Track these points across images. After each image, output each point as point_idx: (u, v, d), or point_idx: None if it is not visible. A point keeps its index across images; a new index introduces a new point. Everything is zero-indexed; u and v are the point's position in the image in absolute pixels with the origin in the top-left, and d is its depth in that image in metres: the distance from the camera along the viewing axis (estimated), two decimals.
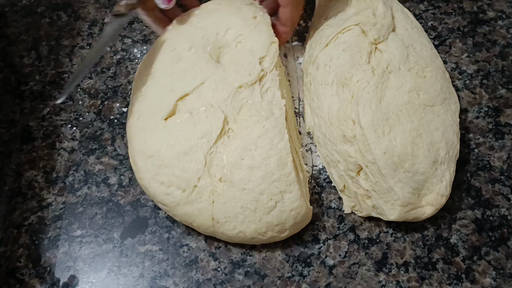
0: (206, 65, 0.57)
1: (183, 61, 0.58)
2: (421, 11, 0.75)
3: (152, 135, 0.55)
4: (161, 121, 0.56)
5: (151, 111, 0.57)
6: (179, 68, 0.58)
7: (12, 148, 0.64)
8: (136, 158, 0.56)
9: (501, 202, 0.60)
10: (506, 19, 0.74)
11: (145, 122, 0.56)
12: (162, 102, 0.56)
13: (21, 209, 0.60)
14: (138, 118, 0.57)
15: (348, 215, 0.59)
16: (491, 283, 0.55)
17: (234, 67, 0.57)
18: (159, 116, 0.56)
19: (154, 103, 0.57)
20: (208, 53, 0.59)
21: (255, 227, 0.53)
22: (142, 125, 0.57)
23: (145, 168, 0.55)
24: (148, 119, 0.56)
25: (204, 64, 0.57)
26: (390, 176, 0.54)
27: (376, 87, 0.57)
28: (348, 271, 0.56)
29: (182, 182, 0.53)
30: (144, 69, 0.60)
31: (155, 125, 0.56)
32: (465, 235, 0.58)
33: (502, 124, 0.65)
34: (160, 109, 0.56)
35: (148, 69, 0.59)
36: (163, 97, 0.56)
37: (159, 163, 0.54)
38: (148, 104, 0.57)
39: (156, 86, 0.58)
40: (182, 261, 0.57)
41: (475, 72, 0.69)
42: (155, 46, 0.61)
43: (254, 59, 0.58)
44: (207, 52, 0.59)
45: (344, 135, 0.57)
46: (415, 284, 0.55)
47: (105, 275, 0.56)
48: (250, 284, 0.55)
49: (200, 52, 0.58)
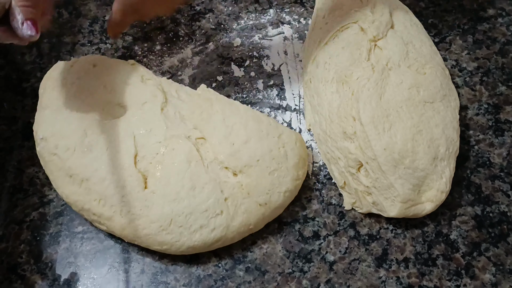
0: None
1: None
2: (421, 8, 0.75)
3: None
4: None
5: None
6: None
7: (13, 144, 0.64)
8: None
9: (501, 198, 0.60)
10: (506, 17, 0.74)
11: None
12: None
13: (22, 205, 0.60)
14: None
15: (349, 212, 0.59)
16: (490, 279, 0.55)
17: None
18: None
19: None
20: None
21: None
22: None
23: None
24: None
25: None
26: (390, 173, 0.54)
27: (376, 84, 0.57)
28: (348, 267, 0.56)
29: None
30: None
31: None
32: (465, 231, 0.58)
33: (502, 121, 0.65)
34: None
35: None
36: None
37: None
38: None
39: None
40: (183, 257, 0.57)
41: (475, 69, 0.69)
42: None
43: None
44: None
45: (344, 132, 0.58)
46: (415, 280, 0.55)
47: (106, 271, 0.56)
48: (251, 280, 0.55)
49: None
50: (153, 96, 0.59)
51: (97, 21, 0.74)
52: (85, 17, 0.75)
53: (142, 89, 0.60)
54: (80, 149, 0.56)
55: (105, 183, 0.55)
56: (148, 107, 0.59)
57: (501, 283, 0.55)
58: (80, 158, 0.56)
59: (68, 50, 0.72)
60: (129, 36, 0.72)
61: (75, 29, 0.73)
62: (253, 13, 0.75)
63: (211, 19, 0.74)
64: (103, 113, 0.58)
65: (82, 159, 0.56)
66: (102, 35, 0.73)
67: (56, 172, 0.57)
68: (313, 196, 0.60)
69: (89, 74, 0.60)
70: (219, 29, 0.74)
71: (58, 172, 0.57)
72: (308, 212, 0.59)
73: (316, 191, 0.61)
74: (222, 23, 0.74)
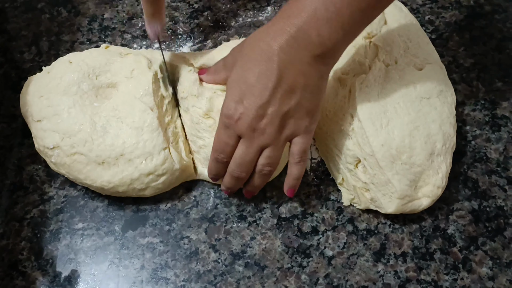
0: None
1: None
2: (418, 5, 0.75)
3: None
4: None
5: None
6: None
7: (13, 142, 0.64)
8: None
9: (498, 193, 0.61)
10: (503, 13, 0.74)
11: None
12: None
13: (22, 202, 0.60)
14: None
15: (347, 207, 0.60)
16: (487, 272, 0.56)
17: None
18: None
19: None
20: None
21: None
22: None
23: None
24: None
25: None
26: (388, 168, 0.55)
27: (373, 81, 0.58)
28: (347, 262, 0.57)
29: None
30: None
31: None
32: (462, 225, 0.59)
33: (498, 116, 0.66)
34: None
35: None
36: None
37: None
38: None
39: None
40: (183, 253, 0.57)
41: (472, 65, 0.70)
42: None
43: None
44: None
45: (342, 129, 0.58)
46: (413, 274, 0.56)
47: (107, 267, 0.57)
48: (250, 275, 0.56)
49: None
50: (137, 62, 0.61)
51: (96, 20, 0.74)
52: (84, 16, 0.75)
53: (125, 61, 0.61)
54: (97, 135, 0.57)
55: (139, 145, 0.56)
56: (137, 72, 0.60)
57: (498, 276, 0.55)
58: (101, 142, 0.57)
59: (67, 48, 0.72)
60: (127, 34, 0.73)
61: (74, 27, 0.74)
62: (251, 11, 0.75)
63: (209, 17, 0.75)
64: (99, 99, 0.59)
65: (104, 142, 0.57)
66: (100, 33, 0.73)
67: (85, 168, 0.57)
68: (312, 192, 0.61)
69: (68, 71, 0.60)
70: (217, 26, 0.74)
71: (88, 166, 0.57)
72: (306, 208, 0.60)
73: (314, 187, 0.61)
74: (220, 21, 0.74)
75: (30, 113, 0.59)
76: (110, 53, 0.62)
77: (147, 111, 0.58)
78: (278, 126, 0.51)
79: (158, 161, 0.57)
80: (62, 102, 0.58)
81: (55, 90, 0.59)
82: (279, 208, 0.60)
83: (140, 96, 0.59)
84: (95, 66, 0.60)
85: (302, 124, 0.52)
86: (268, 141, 0.52)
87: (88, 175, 0.57)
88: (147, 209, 0.60)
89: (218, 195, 0.61)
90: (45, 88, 0.59)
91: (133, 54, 0.63)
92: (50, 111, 0.58)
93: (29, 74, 0.68)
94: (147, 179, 0.57)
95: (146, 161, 0.57)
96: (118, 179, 0.57)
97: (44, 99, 0.58)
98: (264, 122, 0.51)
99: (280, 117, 0.51)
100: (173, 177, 0.58)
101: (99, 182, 0.57)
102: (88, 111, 0.58)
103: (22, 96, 0.61)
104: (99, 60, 0.61)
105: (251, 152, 0.53)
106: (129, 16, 0.74)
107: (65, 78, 0.59)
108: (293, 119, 0.52)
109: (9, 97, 0.68)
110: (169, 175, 0.58)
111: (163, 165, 0.57)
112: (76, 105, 0.58)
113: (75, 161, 0.57)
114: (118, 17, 0.74)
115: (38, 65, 0.70)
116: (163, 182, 0.58)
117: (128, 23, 0.74)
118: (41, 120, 0.58)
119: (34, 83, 0.61)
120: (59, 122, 0.57)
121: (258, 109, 0.50)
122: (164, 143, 0.57)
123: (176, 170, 0.58)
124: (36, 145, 0.59)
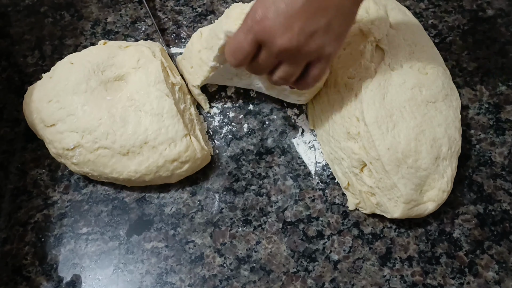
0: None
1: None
2: (421, 9, 0.75)
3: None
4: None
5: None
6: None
7: (16, 146, 0.64)
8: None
9: (503, 197, 0.61)
10: (506, 17, 0.74)
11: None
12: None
13: (26, 207, 0.60)
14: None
15: (352, 211, 0.60)
16: (493, 276, 0.56)
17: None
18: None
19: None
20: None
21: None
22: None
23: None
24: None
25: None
26: (393, 172, 0.55)
27: (379, 84, 0.58)
28: (352, 266, 0.56)
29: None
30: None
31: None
32: (468, 229, 0.58)
33: (502, 120, 0.66)
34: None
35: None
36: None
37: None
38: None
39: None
40: (188, 258, 0.57)
41: (475, 69, 0.70)
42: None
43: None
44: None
45: (348, 132, 0.58)
46: (419, 278, 0.56)
47: (111, 272, 0.56)
48: (256, 279, 0.56)
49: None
50: (140, 52, 0.61)
51: (99, 23, 0.74)
52: (87, 20, 0.75)
53: (127, 53, 0.62)
54: (117, 126, 0.57)
55: (161, 131, 0.57)
56: (143, 61, 0.61)
57: (504, 280, 0.55)
58: (124, 132, 0.57)
59: (70, 52, 0.71)
60: (131, 38, 0.73)
61: (77, 31, 0.74)
62: None
63: (213, 21, 0.75)
64: (109, 93, 0.59)
65: (127, 132, 0.57)
66: (104, 37, 0.73)
67: (110, 161, 0.57)
68: (317, 196, 0.61)
69: (73, 71, 0.60)
70: None
71: (113, 159, 0.57)
72: (312, 212, 0.60)
73: (320, 191, 0.61)
74: None
75: (41, 119, 0.59)
76: (109, 48, 0.62)
77: (163, 98, 0.58)
78: (304, 42, 0.47)
79: (181, 148, 0.57)
80: (74, 101, 0.58)
81: (64, 92, 0.59)
82: (284, 212, 0.59)
83: (153, 84, 0.59)
84: (98, 62, 0.60)
85: (327, 49, 0.49)
86: (288, 55, 0.48)
87: (114, 167, 0.57)
88: (152, 214, 0.60)
89: (223, 199, 0.60)
90: (52, 92, 0.59)
91: (133, 45, 0.63)
92: (63, 112, 0.58)
93: (32, 78, 0.68)
94: (172, 166, 0.58)
95: (170, 147, 0.57)
96: (145, 168, 0.57)
97: (54, 103, 0.58)
98: (288, 35, 0.47)
99: (307, 34, 0.47)
100: (195, 165, 0.59)
101: (126, 173, 0.57)
102: (103, 105, 0.58)
103: (26, 106, 0.60)
104: (101, 55, 0.61)
105: (270, 62, 0.50)
106: (132, 20, 0.74)
107: (71, 78, 0.59)
108: (320, 41, 0.48)
109: (12, 101, 0.67)
110: (191, 163, 0.58)
111: (186, 152, 0.57)
112: (89, 101, 0.58)
113: (100, 156, 0.57)
114: (121, 21, 0.74)
115: (41, 69, 0.70)
116: (186, 170, 0.59)
117: (131, 27, 0.74)
118: (55, 123, 0.58)
119: (38, 90, 0.60)
120: (76, 121, 0.57)
121: (287, 19, 0.46)
122: (184, 130, 0.58)
123: (197, 159, 0.59)
124: (54, 150, 0.59)
